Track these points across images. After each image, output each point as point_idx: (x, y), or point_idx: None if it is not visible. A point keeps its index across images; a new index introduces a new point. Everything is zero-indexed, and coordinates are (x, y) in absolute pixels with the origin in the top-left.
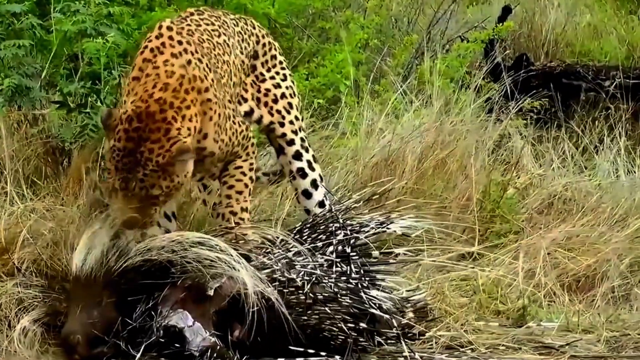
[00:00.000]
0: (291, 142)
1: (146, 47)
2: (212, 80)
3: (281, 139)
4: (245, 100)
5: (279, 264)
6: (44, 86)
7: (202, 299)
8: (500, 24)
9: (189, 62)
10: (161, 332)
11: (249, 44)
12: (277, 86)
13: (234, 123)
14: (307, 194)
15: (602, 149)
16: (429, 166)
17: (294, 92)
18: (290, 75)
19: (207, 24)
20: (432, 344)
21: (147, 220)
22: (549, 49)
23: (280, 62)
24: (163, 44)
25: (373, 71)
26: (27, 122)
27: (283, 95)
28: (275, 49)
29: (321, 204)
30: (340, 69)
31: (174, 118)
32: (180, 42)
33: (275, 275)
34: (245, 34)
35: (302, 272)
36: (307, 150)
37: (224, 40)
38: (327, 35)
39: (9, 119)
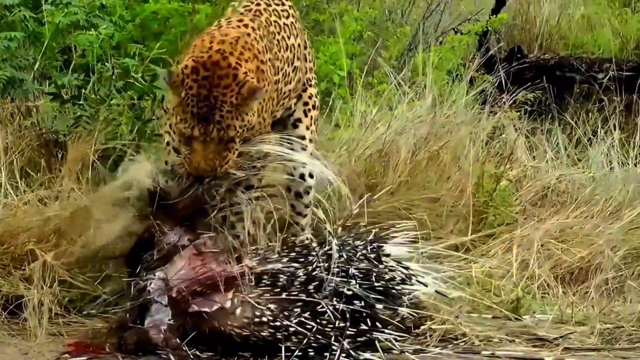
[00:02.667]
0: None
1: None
2: (269, 60)
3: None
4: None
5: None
6: (37, 78)
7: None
8: (494, 16)
9: (248, 34)
10: (140, 285)
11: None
12: (316, 96)
13: (265, 119)
14: (299, 195)
15: (596, 141)
16: (422, 158)
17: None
18: None
19: (277, 4)
20: (426, 337)
21: (223, 165)
22: (542, 41)
23: (314, 78)
24: (228, 22)
25: (367, 63)
26: (21, 114)
27: (314, 107)
28: (314, 64)
29: (306, 205)
30: (334, 61)
31: (237, 63)
32: (245, 26)
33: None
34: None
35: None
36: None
37: (292, 22)
38: (321, 28)
39: (2, 111)
